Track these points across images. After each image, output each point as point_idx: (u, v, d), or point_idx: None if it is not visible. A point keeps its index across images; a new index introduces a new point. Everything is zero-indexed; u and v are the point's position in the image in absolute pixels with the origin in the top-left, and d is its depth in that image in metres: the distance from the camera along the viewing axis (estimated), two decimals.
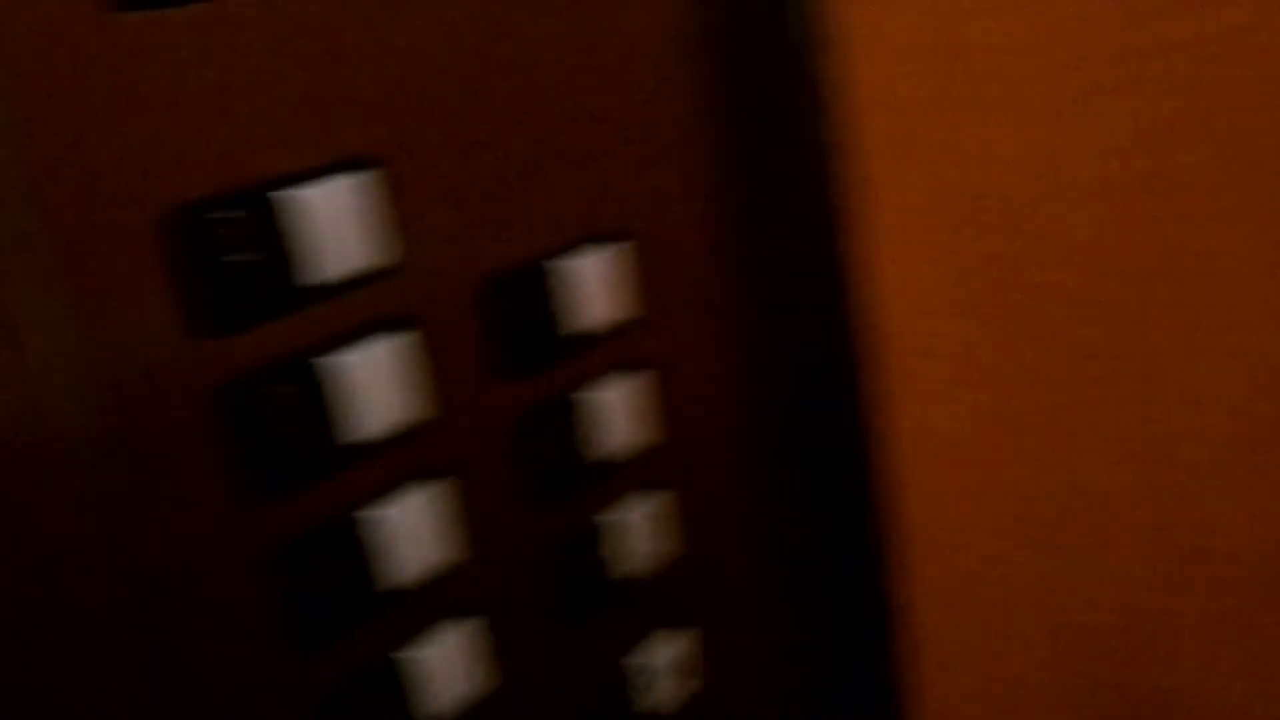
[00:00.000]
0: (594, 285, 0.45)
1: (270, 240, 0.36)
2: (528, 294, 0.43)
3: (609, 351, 0.46)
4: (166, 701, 0.35)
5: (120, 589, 0.34)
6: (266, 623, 0.37)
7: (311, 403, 0.37)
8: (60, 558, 0.32)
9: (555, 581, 0.45)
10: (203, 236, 0.35)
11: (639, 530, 0.48)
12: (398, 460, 0.40)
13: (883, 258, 0.55)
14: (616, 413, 0.47)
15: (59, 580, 0.32)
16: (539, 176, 0.43)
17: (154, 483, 0.34)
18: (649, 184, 0.47)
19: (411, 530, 0.40)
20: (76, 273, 0.32)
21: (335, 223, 0.37)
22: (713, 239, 0.50)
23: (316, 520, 0.38)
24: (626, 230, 0.46)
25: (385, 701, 0.40)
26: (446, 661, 0.41)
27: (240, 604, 0.36)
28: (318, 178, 0.37)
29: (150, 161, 0.33)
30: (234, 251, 0.35)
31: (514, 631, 0.44)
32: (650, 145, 0.47)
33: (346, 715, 0.39)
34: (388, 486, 0.40)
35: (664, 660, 0.50)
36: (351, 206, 0.38)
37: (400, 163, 0.39)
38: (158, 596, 0.34)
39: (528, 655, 0.45)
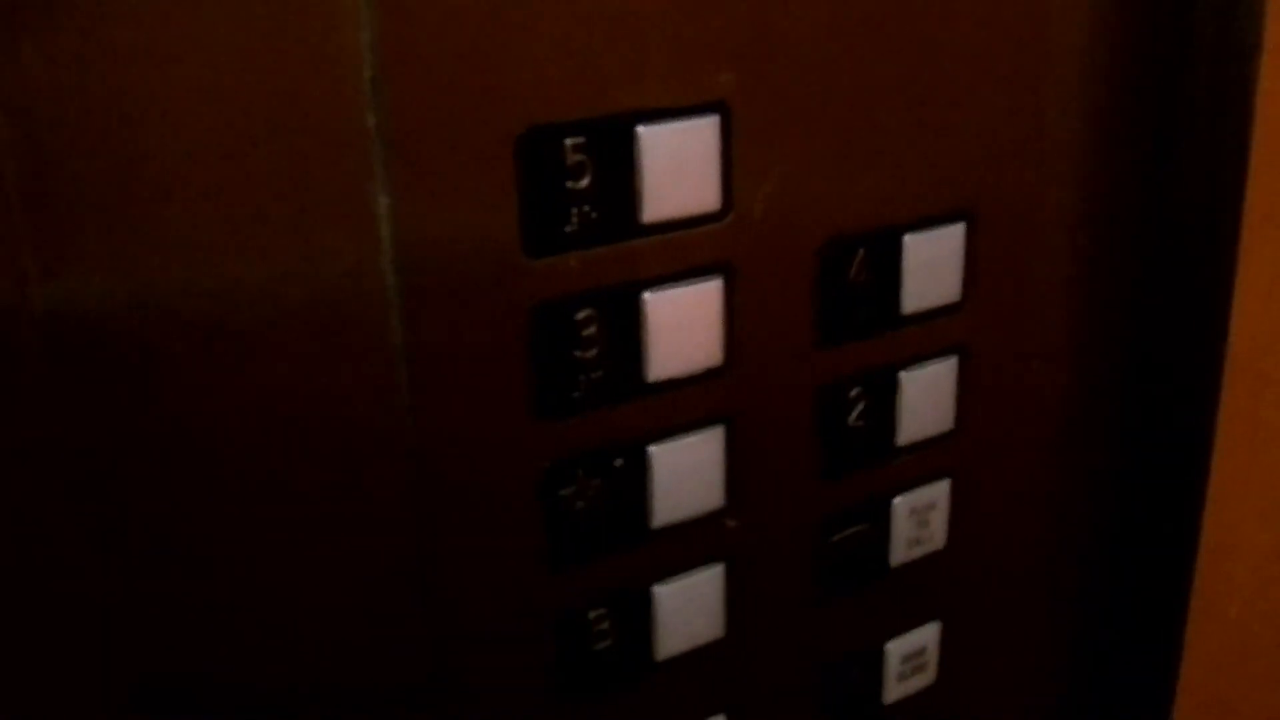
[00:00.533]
0: (926, 263, 0.44)
1: (615, 172, 0.37)
2: (856, 262, 0.42)
3: (927, 332, 0.45)
4: (427, 594, 0.38)
5: (405, 479, 0.36)
6: (533, 535, 0.39)
7: (620, 333, 0.38)
8: (355, 440, 0.35)
9: (822, 551, 0.45)
10: (551, 160, 0.36)
11: (921, 516, 0.47)
12: (694, 400, 0.41)
13: (1260, 277, 0.50)
14: (923, 396, 0.45)
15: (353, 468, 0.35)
16: (891, 144, 0.42)
17: (456, 386, 0.36)
18: (999, 169, 0.45)
19: (692, 470, 0.41)
20: (415, 173, 0.34)
21: (681, 163, 0.38)
22: (1058, 232, 0.47)
23: (602, 445, 0.39)
24: (967, 211, 0.44)
25: (627, 629, 0.41)
26: (694, 603, 0.42)
27: (514, 513, 0.38)
28: (671, 117, 0.37)
29: (510, 80, 0.35)
30: (577, 178, 0.36)
31: (768, 589, 0.44)
32: (1013, 130, 0.44)
33: (588, 635, 0.41)
34: (678, 426, 0.40)
35: (915, 648, 0.49)
36: (700, 149, 0.38)
37: (751, 109, 0.39)
38: (439, 493, 0.37)
39: (776, 616, 0.45)
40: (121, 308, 0.31)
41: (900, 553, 0.47)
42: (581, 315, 0.38)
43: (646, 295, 0.38)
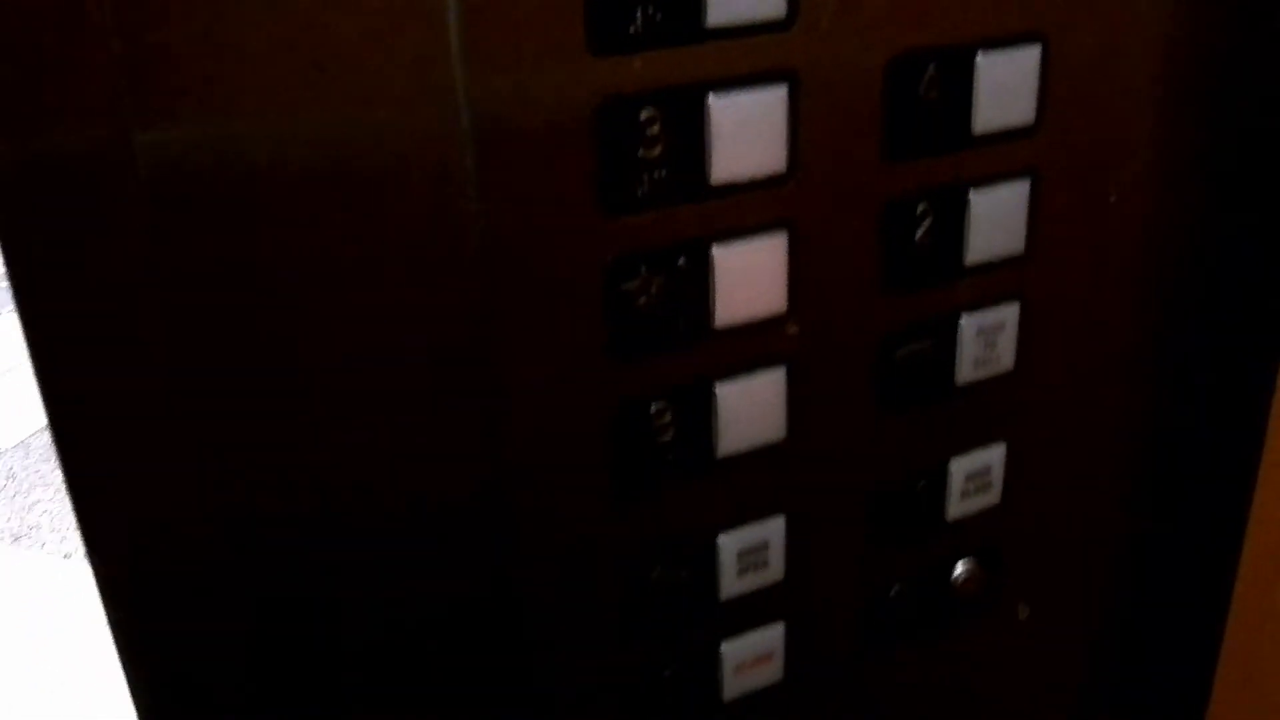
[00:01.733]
0: (998, 84, 0.44)
1: None
2: (926, 79, 0.43)
3: (998, 154, 0.46)
4: (491, 384, 0.41)
5: (475, 271, 0.39)
6: (596, 327, 0.41)
7: (684, 134, 0.40)
8: (424, 230, 0.38)
9: (885, 364, 0.47)
10: None
11: (989, 337, 0.48)
12: (757, 205, 0.42)
13: None
14: (993, 217, 0.46)
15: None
16: None
17: (525, 179, 0.38)
18: None
19: (754, 273, 0.43)
20: None
21: None
22: (1138, 64, 0.47)
23: (665, 244, 0.41)
24: (1043, 34, 0.44)
25: (688, 424, 0.44)
26: (755, 403, 0.45)
27: (578, 304, 0.41)
28: None
29: None
30: None
31: (830, 398, 0.46)
32: None
33: (649, 427, 0.43)
34: (741, 229, 0.42)
35: (980, 467, 0.51)
36: None
37: None
38: (506, 284, 0.39)
39: (838, 424, 0.47)
40: (214, 156, 0.35)
41: (966, 372, 0.48)
42: (645, 114, 0.39)
43: (711, 97, 0.40)
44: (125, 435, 0.36)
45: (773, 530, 0.47)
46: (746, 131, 0.41)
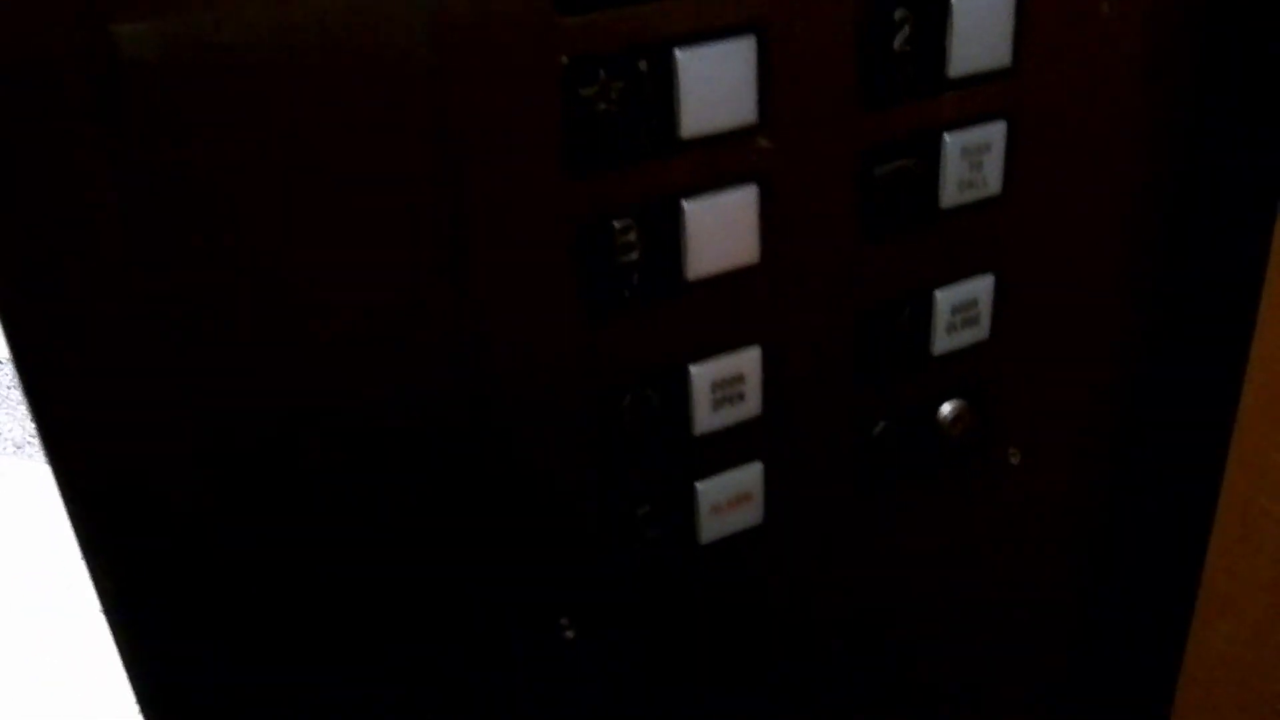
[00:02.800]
0: None
1: None
2: None
3: None
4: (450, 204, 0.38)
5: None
6: (553, 136, 0.39)
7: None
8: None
9: (865, 183, 0.44)
10: None
11: (974, 158, 0.46)
12: (725, 6, 0.40)
13: None
14: (977, 24, 0.43)
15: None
16: None
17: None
18: None
19: (722, 80, 0.40)
20: None
21: None
22: None
23: (625, 46, 0.39)
24: None
25: (655, 243, 0.42)
26: (726, 222, 0.42)
27: (533, 111, 0.38)
28: None
29: None
30: None
31: (807, 219, 0.44)
32: None
33: (613, 246, 0.41)
34: (707, 31, 0.40)
35: (967, 299, 0.48)
36: None
37: None
38: (457, 90, 0.37)
39: (816, 247, 0.45)
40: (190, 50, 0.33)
41: (951, 195, 0.46)
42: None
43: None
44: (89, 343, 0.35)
45: (748, 361, 0.45)
46: None
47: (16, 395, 2.60)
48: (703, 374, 0.45)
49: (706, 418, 0.46)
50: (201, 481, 0.38)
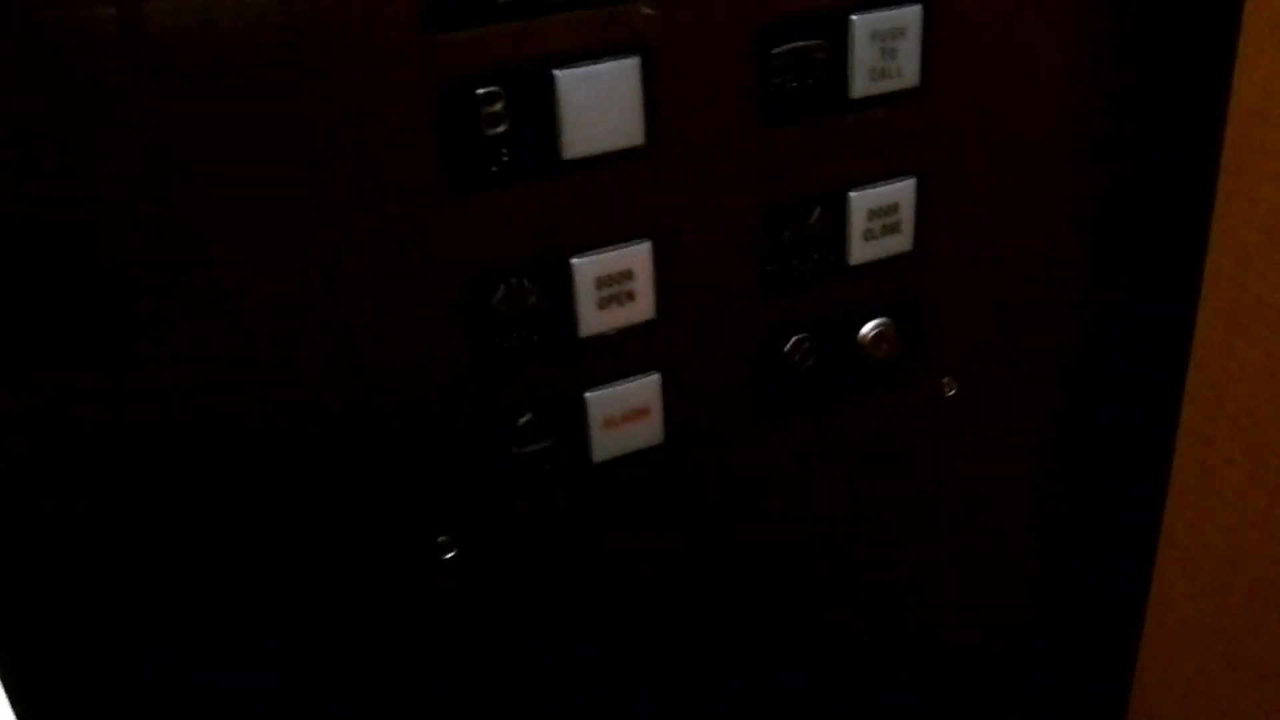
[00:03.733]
0: None
1: None
2: None
3: None
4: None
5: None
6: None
7: None
8: None
9: (760, 62, 0.41)
10: None
11: (882, 42, 0.42)
12: None
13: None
14: None
15: None
16: None
17: None
18: None
19: None
20: None
21: None
22: None
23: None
24: None
25: (525, 119, 0.38)
26: (605, 97, 0.39)
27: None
28: None
29: None
30: None
31: (696, 102, 0.41)
32: None
33: (478, 120, 0.38)
34: None
35: (880, 205, 0.45)
36: None
37: None
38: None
39: (708, 134, 0.41)
40: None
41: (862, 83, 0.43)
42: None
43: None
44: None
45: (637, 256, 0.42)
46: None
47: None
48: (586, 267, 0.42)
49: (593, 317, 0.42)
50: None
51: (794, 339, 0.46)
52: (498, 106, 0.38)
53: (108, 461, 0.37)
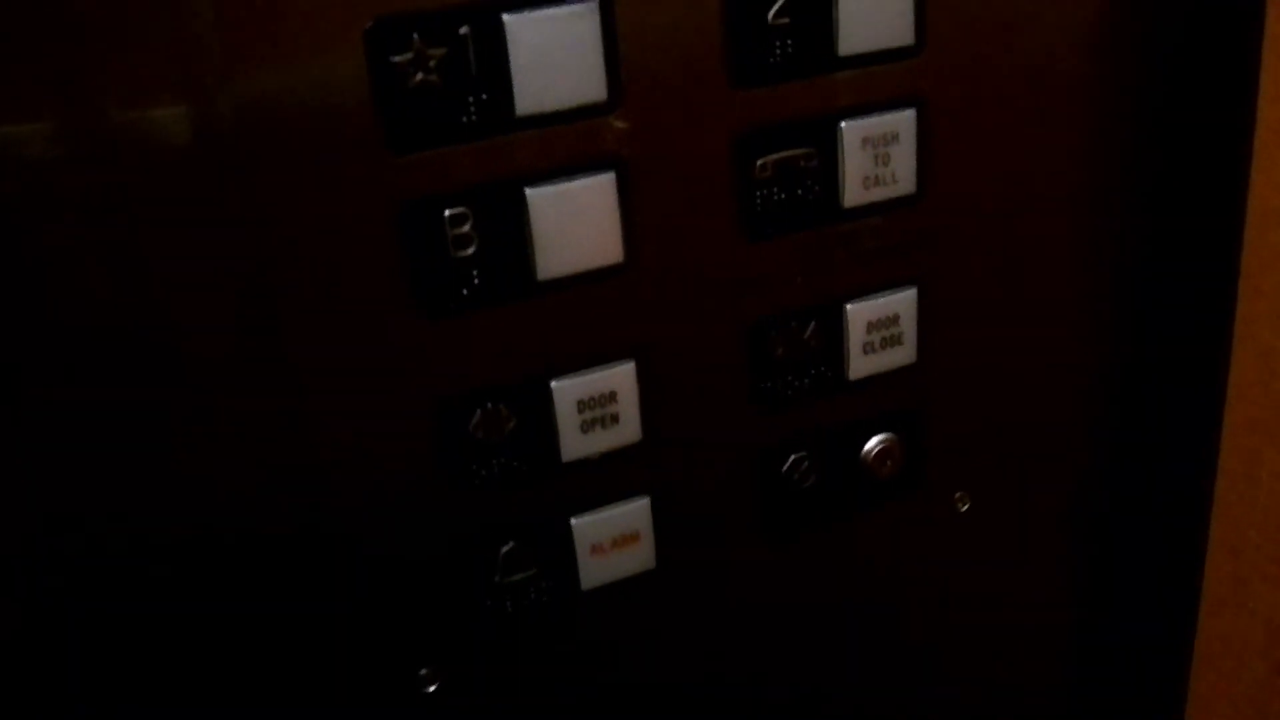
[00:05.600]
0: None
1: None
2: None
3: None
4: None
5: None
6: (364, 113, 0.35)
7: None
8: None
9: (742, 173, 0.39)
10: None
11: (875, 149, 0.40)
12: None
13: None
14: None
15: None
16: None
17: None
18: None
19: (563, 51, 0.36)
20: None
21: None
22: None
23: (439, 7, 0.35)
24: None
25: (494, 240, 0.37)
26: (578, 212, 0.37)
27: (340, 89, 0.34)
28: None
29: None
30: None
31: (676, 219, 0.39)
32: None
33: (444, 241, 0.37)
34: None
35: (880, 317, 0.43)
36: None
37: None
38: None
39: (685, 241, 0.40)
40: None
41: (855, 192, 0.41)
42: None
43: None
44: None
45: (620, 377, 0.40)
46: None
47: None
48: (566, 390, 0.40)
49: (576, 441, 0.40)
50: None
51: (792, 458, 0.44)
52: (466, 228, 0.37)
53: (68, 584, 0.36)
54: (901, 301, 0.43)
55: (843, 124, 0.40)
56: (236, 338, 0.35)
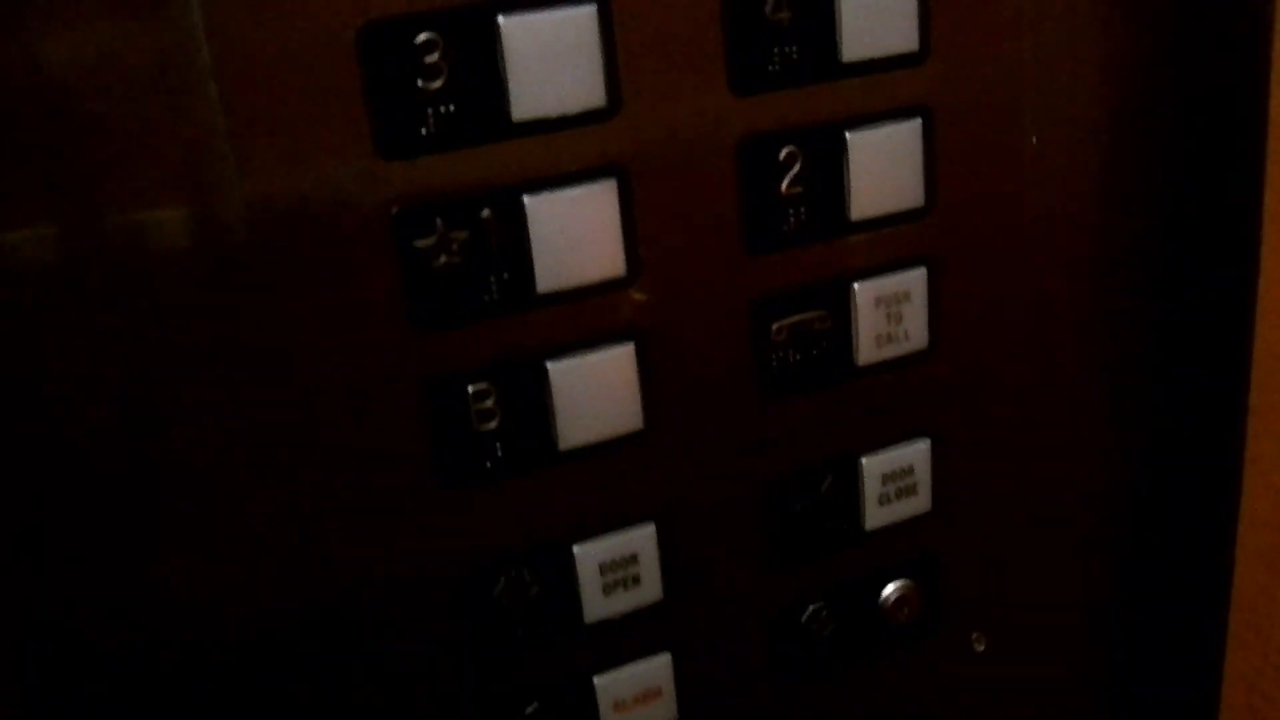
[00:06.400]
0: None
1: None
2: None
3: (877, 84, 0.39)
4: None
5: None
6: (389, 292, 0.35)
7: (471, 63, 0.35)
8: None
9: (760, 336, 0.40)
10: None
11: (888, 308, 0.41)
12: (577, 146, 0.36)
13: None
14: (873, 162, 0.39)
15: None
16: None
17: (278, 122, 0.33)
18: None
19: (582, 229, 0.37)
20: None
21: None
22: None
23: (463, 192, 0.35)
24: None
25: (518, 410, 0.38)
26: (599, 383, 0.38)
27: (365, 265, 0.35)
28: None
29: None
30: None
31: (696, 385, 0.40)
32: None
33: (467, 415, 0.37)
34: (558, 176, 0.36)
35: (894, 469, 0.43)
36: None
37: None
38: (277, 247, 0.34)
39: (704, 407, 0.40)
40: None
41: (869, 350, 0.42)
42: (424, 39, 0.34)
43: (501, 19, 0.34)
44: None
45: (641, 540, 0.41)
46: (549, 64, 0.35)
47: None
48: (589, 555, 0.40)
49: (599, 604, 0.41)
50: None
51: (810, 609, 0.44)
52: (489, 402, 0.37)
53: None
54: (915, 453, 0.44)
55: (856, 285, 0.41)
56: (258, 506, 0.35)
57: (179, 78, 0.31)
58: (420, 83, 0.34)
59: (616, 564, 0.40)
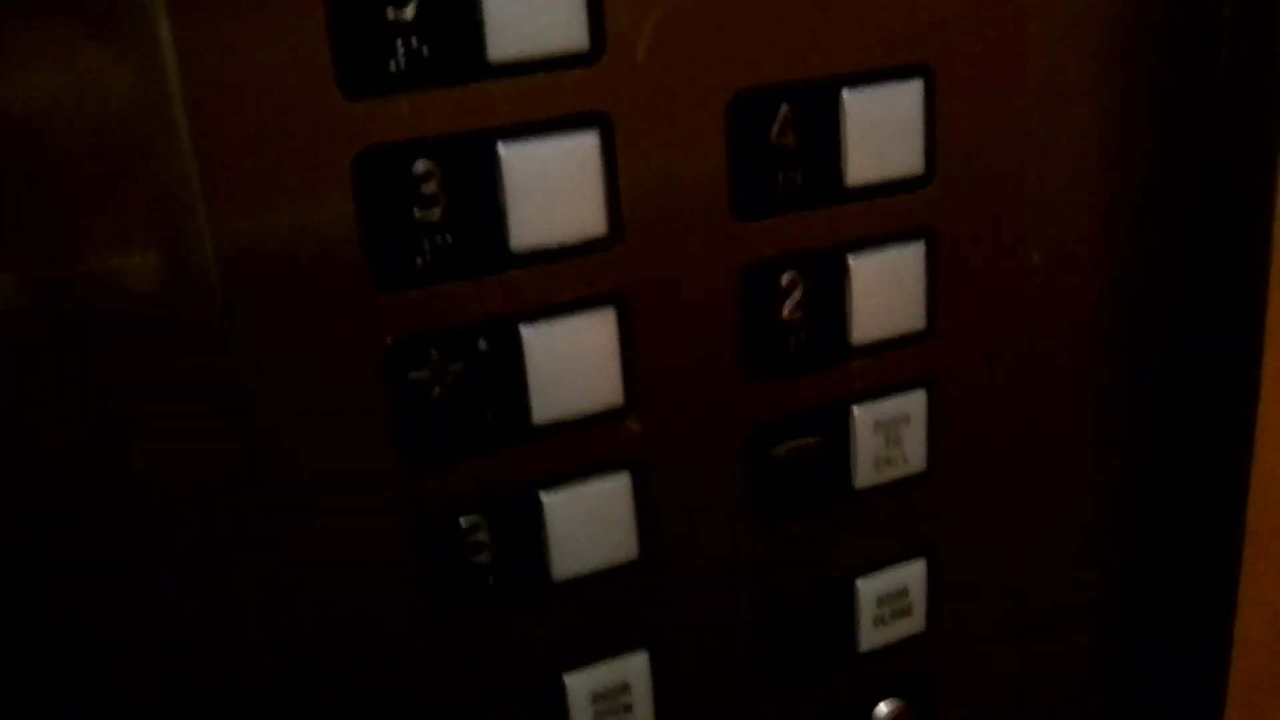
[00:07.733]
0: (873, 121, 0.37)
1: None
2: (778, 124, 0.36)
3: (880, 209, 0.38)
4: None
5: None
6: (379, 427, 0.34)
7: (469, 188, 0.33)
8: None
9: (758, 464, 0.39)
10: None
11: (887, 431, 0.40)
12: (578, 285, 0.35)
13: None
14: (881, 286, 0.39)
15: None
16: None
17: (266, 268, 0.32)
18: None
19: (580, 355, 0.36)
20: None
21: None
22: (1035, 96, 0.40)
23: (459, 324, 0.34)
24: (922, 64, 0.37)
25: (511, 542, 0.36)
26: (593, 515, 0.37)
27: (354, 395, 0.34)
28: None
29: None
30: None
31: (691, 507, 0.39)
32: None
33: (461, 546, 0.36)
34: (556, 307, 0.35)
35: (889, 591, 0.42)
36: None
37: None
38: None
39: (700, 536, 0.39)
40: None
41: (867, 474, 0.41)
42: (421, 168, 0.33)
43: (501, 146, 0.33)
44: None
45: (633, 668, 0.39)
46: (549, 191, 0.34)
47: None
48: (580, 684, 0.39)
49: None
50: None
51: None
52: (482, 534, 0.36)
53: None
54: (911, 574, 0.43)
55: (855, 409, 0.40)
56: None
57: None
58: (417, 212, 0.33)
59: (608, 692, 0.39)
